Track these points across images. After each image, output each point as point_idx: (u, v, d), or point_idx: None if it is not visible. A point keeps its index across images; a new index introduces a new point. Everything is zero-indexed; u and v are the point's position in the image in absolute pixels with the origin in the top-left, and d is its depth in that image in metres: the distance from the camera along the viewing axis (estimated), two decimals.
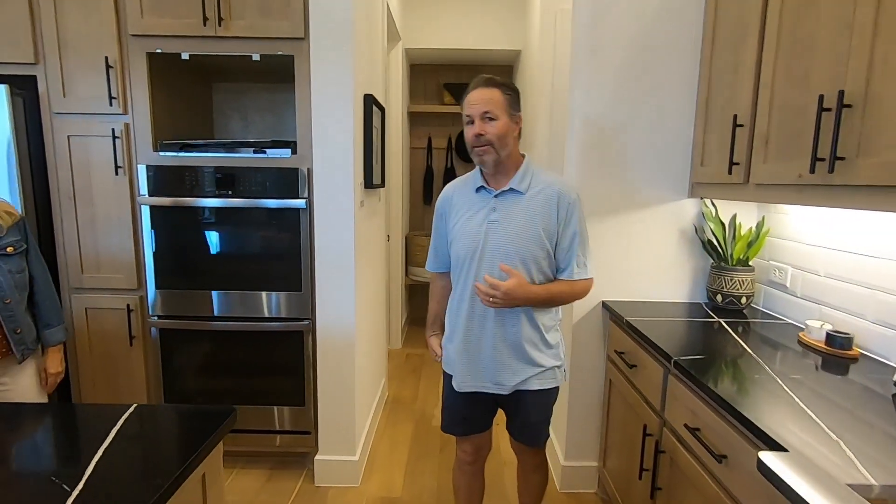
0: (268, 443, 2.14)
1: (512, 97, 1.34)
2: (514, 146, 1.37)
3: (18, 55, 1.89)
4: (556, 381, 1.46)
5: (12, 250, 1.45)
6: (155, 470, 0.80)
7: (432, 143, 4.33)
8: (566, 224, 1.35)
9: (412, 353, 3.65)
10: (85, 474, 0.78)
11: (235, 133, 2.52)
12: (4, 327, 1.42)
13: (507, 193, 1.36)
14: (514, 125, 1.35)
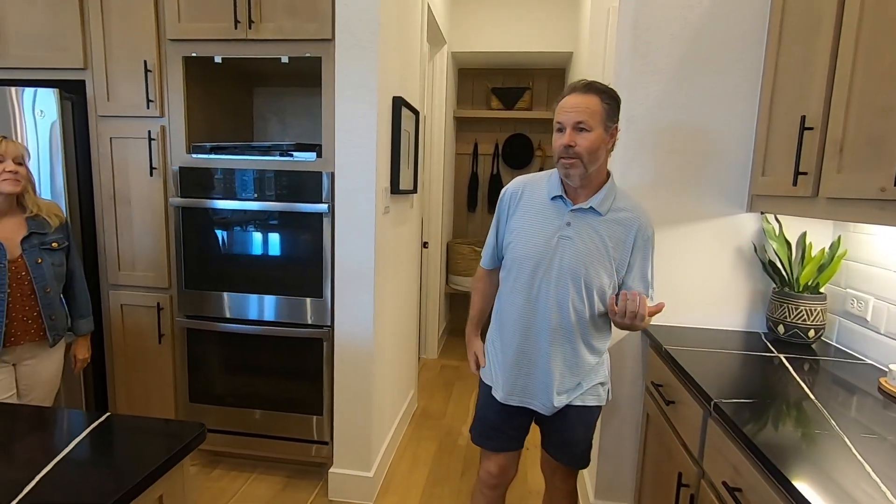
0: (286, 450, 2.10)
1: (611, 107, 1.21)
2: (604, 161, 1.25)
3: (69, 61, 1.98)
4: (598, 399, 1.39)
5: (56, 246, 1.60)
6: (100, 489, 0.74)
7: (478, 149, 4.22)
8: (643, 257, 1.29)
9: (447, 365, 3.54)
10: (21, 494, 0.73)
11: (273, 136, 2.54)
12: (42, 313, 1.55)
13: (585, 211, 1.26)
14: (609, 138, 1.23)
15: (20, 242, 1.51)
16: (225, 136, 2.26)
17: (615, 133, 1.24)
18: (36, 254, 1.54)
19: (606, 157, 1.25)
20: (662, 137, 1.65)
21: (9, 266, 1.48)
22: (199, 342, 2.09)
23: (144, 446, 0.88)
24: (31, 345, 1.56)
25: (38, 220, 1.56)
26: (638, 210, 1.28)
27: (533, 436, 1.46)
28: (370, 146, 1.83)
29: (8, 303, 1.48)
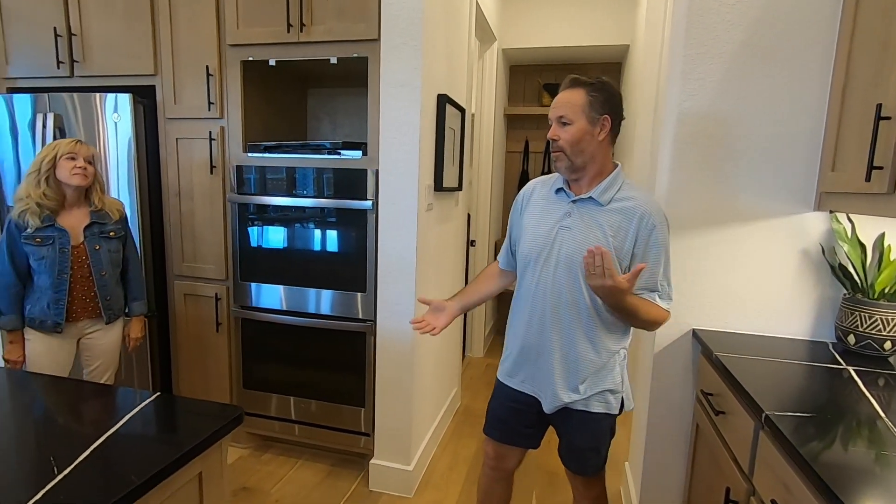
0: (330, 439, 2.17)
1: (597, 98, 1.21)
2: (597, 152, 1.24)
3: (141, 68, 2.15)
4: (606, 407, 1.31)
5: (114, 235, 1.78)
6: (142, 463, 0.80)
7: (529, 147, 4.16)
8: (647, 248, 1.22)
9: (493, 364, 3.51)
10: (77, 459, 0.80)
11: (325, 136, 2.62)
12: (98, 294, 1.75)
13: (586, 201, 1.26)
14: (597, 129, 1.22)
15: (83, 230, 1.71)
16: (280, 136, 2.36)
17: (606, 123, 1.22)
18: (95, 241, 1.73)
19: (601, 148, 1.24)
20: (717, 130, 1.55)
21: (72, 251, 1.68)
22: (252, 332, 2.20)
23: (187, 425, 0.94)
24: (90, 321, 1.77)
25: (100, 212, 1.75)
26: (643, 200, 1.23)
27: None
28: (413, 144, 1.85)
29: (70, 282, 1.67)
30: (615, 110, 1.23)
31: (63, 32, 2.20)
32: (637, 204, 1.23)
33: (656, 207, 1.24)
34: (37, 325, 1.69)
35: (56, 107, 2.17)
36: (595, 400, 1.30)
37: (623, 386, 1.34)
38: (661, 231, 1.22)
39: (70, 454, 0.81)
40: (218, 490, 0.96)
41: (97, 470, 0.78)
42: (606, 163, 1.27)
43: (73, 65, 2.23)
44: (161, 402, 1.02)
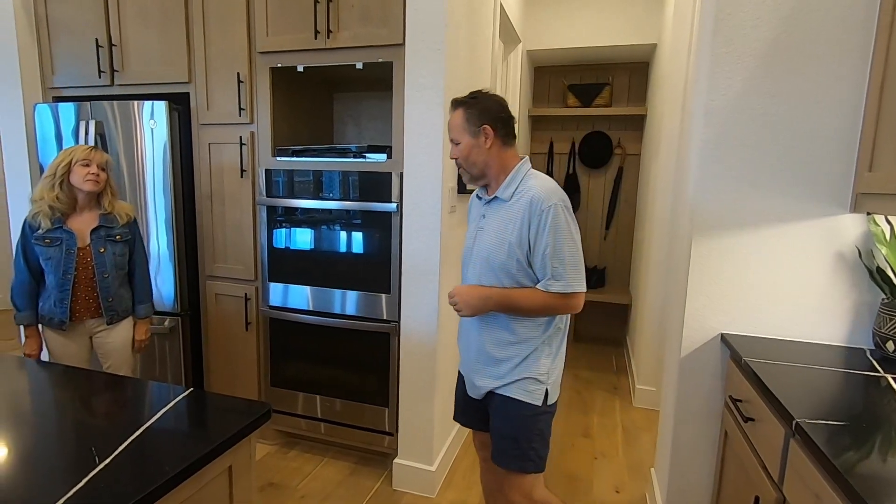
0: (355, 437, 2.21)
1: (471, 113, 1.32)
2: (490, 158, 1.33)
3: (176, 75, 2.23)
4: (527, 395, 1.33)
5: (120, 238, 1.85)
6: (176, 456, 0.83)
7: (554, 148, 4.13)
8: (538, 232, 1.27)
9: None
10: (118, 449, 0.84)
11: (350, 139, 2.67)
12: (100, 295, 1.80)
13: (494, 201, 1.36)
14: (481, 139, 1.32)
15: (90, 233, 1.77)
16: (307, 140, 2.42)
17: (486, 132, 1.30)
18: (101, 244, 1.78)
19: (493, 153, 1.32)
20: (747, 130, 1.51)
21: (77, 252, 1.74)
22: (279, 331, 2.26)
23: (218, 421, 0.98)
24: (94, 320, 1.83)
25: (108, 216, 1.81)
26: (536, 187, 1.29)
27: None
28: (437, 146, 1.87)
29: (73, 283, 1.75)
30: (493, 117, 1.31)
31: (104, 43, 2.31)
32: (530, 192, 1.28)
33: (548, 192, 1.27)
34: (47, 322, 1.79)
35: (97, 114, 2.27)
36: (515, 386, 1.34)
37: (549, 377, 1.35)
38: (551, 214, 1.25)
39: (110, 445, 0.85)
40: (246, 484, 0.99)
41: (135, 461, 0.82)
42: (506, 164, 1.35)
43: (114, 74, 2.33)
44: (193, 398, 1.06)
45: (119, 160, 2.27)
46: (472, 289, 1.33)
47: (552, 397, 1.37)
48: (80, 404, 1.04)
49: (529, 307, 1.29)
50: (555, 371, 1.37)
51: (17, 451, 0.84)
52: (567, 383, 3.23)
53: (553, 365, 1.36)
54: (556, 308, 1.29)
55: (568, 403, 2.93)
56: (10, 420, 0.95)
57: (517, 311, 1.31)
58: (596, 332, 4.24)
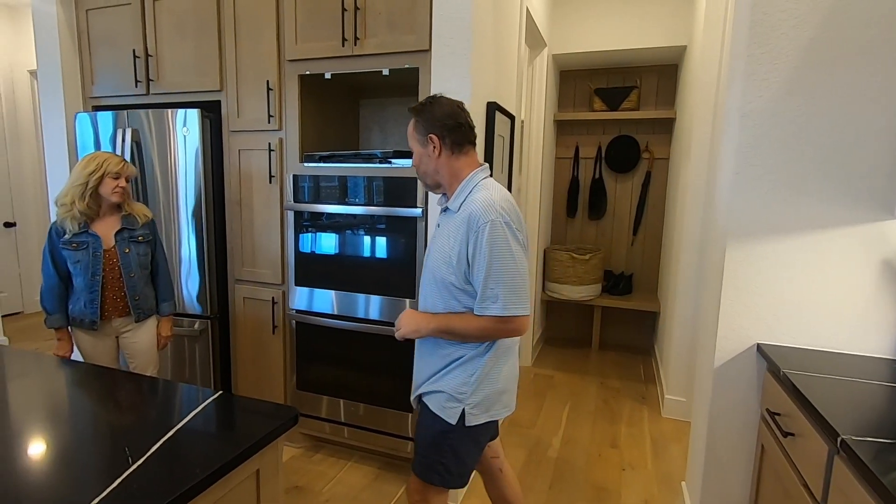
0: (379, 442, 2.21)
1: (419, 121, 1.29)
2: (440, 167, 1.29)
3: (207, 84, 2.29)
4: (438, 408, 1.29)
5: (142, 239, 1.92)
6: (206, 459, 0.84)
7: (579, 153, 4.08)
8: (475, 251, 1.19)
9: (541, 374, 3.46)
10: (150, 450, 0.86)
11: (375, 145, 2.69)
12: (127, 293, 1.87)
13: (446, 212, 1.32)
14: (429, 148, 1.28)
15: (114, 235, 1.84)
16: (333, 146, 2.45)
17: (433, 140, 1.27)
18: (125, 245, 1.86)
19: (444, 162, 1.28)
20: (785, 133, 1.46)
21: (104, 254, 1.82)
22: (305, 335, 2.28)
23: (246, 424, 0.99)
24: (122, 319, 1.90)
25: (129, 218, 1.89)
26: (478, 201, 1.20)
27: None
28: None
29: (102, 283, 1.81)
30: (440, 125, 1.26)
31: (140, 54, 2.39)
32: (471, 206, 1.21)
33: (487, 207, 1.18)
34: (77, 324, 1.85)
35: (133, 122, 2.35)
36: (433, 397, 1.32)
37: (468, 398, 1.26)
38: (487, 233, 1.16)
39: (142, 446, 0.87)
40: (273, 487, 1.00)
41: (166, 462, 0.83)
42: (458, 173, 1.29)
43: (149, 83, 2.41)
44: (222, 401, 1.07)
45: (153, 166, 2.34)
46: (412, 315, 1.30)
47: (473, 420, 1.26)
48: (113, 405, 1.06)
49: (466, 332, 1.22)
50: (480, 393, 1.26)
51: (55, 450, 0.86)
52: (594, 392, 3.17)
53: (478, 387, 1.26)
54: (494, 332, 1.21)
55: (595, 412, 2.87)
56: (48, 419, 0.97)
57: (456, 337, 1.25)
58: (623, 339, 4.15)
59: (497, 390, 1.29)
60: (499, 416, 1.32)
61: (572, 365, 3.64)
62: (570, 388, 3.23)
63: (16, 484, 0.76)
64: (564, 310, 4.27)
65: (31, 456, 0.84)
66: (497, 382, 1.29)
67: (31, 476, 0.78)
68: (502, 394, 1.31)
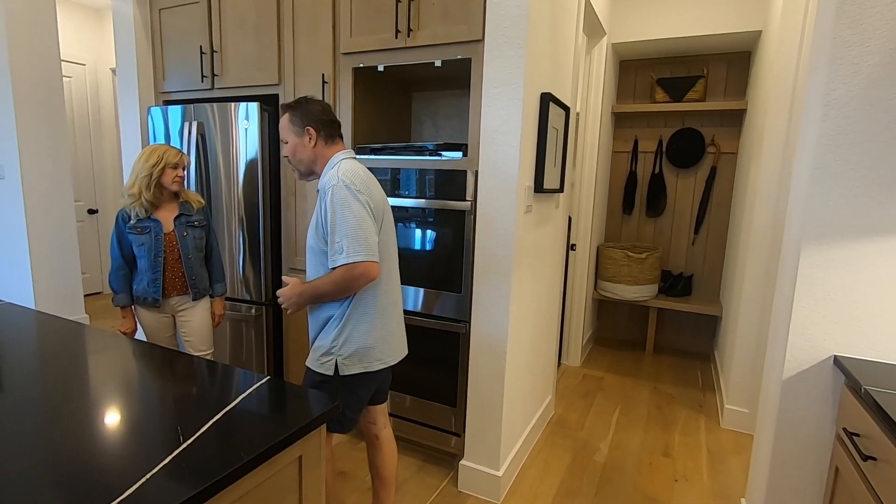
0: (422, 435, 2.21)
1: (294, 115, 1.49)
2: (316, 154, 1.50)
3: (267, 78, 2.36)
4: (318, 365, 1.45)
5: (197, 224, 2.06)
6: (250, 442, 0.86)
7: (638, 146, 3.90)
8: (325, 213, 1.38)
9: (590, 375, 3.35)
10: (200, 430, 0.89)
11: (427, 137, 2.69)
12: (186, 274, 2.04)
13: (317, 192, 1.49)
14: (305, 139, 1.48)
15: (173, 220, 2.00)
16: (386, 139, 2.46)
17: (310, 132, 1.47)
18: (183, 229, 2.01)
19: (316, 151, 1.49)
20: (875, 123, 1.31)
21: (164, 238, 1.97)
22: None
23: (290, 410, 1.00)
24: (180, 297, 2.05)
25: (186, 204, 2.04)
26: (325, 175, 1.45)
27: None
28: (514, 144, 1.82)
29: (164, 264, 1.98)
30: (315, 119, 1.47)
31: (207, 50, 2.50)
32: (323, 179, 1.44)
33: (331, 176, 1.40)
34: (141, 302, 2.01)
35: (199, 115, 2.47)
36: (311, 354, 1.49)
37: (339, 349, 1.43)
38: (330, 195, 1.36)
39: (194, 425, 0.90)
40: (316, 473, 1.01)
41: (215, 442, 0.86)
42: (329, 159, 1.50)
43: (214, 78, 2.52)
44: (271, 386, 1.10)
45: (216, 158, 2.45)
46: (291, 287, 1.44)
47: (346, 370, 1.44)
48: (171, 384, 1.11)
49: (327, 289, 1.38)
50: (350, 346, 1.43)
51: (119, 422, 0.91)
52: (646, 396, 3.03)
53: (347, 340, 1.43)
54: (347, 282, 1.35)
55: (647, 418, 2.75)
56: (116, 392, 1.03)
57: (325, 297, 1.41)
58: (680, 343, 3.95)
59: (366, 345, 1.45)
60: (373, 367, 1.47)
61: (624, 367, 3.51)
62: (620, 391, 3.11)
63: (80, 450, 0.80)
64: (617, 310, 4.12)
65: (97, 426, 0.89)
66: (367, 337, 1.45)
67: (93, 444, 0.83)
68: (372, 349, 1.46)
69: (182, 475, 0.76)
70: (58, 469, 0.76)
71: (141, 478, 0.74)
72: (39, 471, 0.76)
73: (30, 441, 0.84)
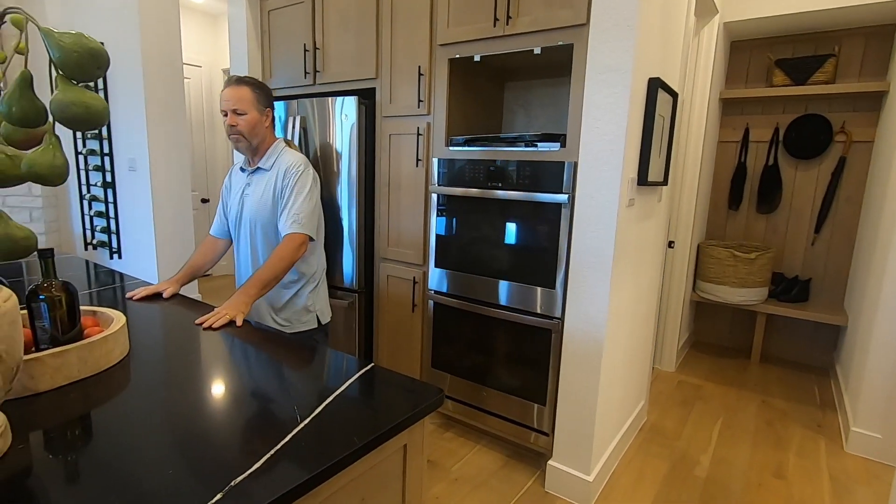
0: (508, 430, 2.19)
1: (259, 92, 1.70)
2: (265, 135, 1.75)
3: (365, 73, 2.43)
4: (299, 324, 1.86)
5: None
6: (361, 427, 0.88)
7: (749, 135, 3.55)
8: (284, 190, 1.70)
9: (686, 381, 3.13)
10: (315, 411, 0.92)
11: (518, 128, 2.63)
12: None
13: (257, 171, 1.77)
14: (264, 118, 1.72)
15: None
16: (478, 130, 2.44)
17: (269, 113, 1.74)
18: None
19: (268, 131, 1.76)
20: None
21: None
22: (442, 315, 2.34)
23: (396, 399, 1.01)
24: None
25: None
26: (287, 162, 1.73)
27: None
28: (618, 133, 1.71)
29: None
30: (272, 103, 1.76)
31: (310, 47, 2.62)
32: (285, 162, 1.73)
33: (294, 163, 1.72)
34: None
35: (301, 110, 2.60)
36: (289, 319, 1.84)
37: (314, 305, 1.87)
38: (301, 177, 1.70)
39: (308, 406, 0.94)
40: (418, 463, 1.02)
41: (329, 425, 0.88)
42: (270, 140, 1.78)
43: (316, 74, 2.64)
44: (375, 373, 1.12)
45: (317, 151, 2.57)
46: (230, 302, 1.47)
47: (324, 319, 1.94)
48: (285, 364, 1.17)
49: (277, 266, 1.60)
50: (321, 300, 1.93)
51: (241, 399, 0.97)
52: (753, 410, 2.77)
53: (319, 296, 1.92)
54: (292, 252, 1.63)
55: (755, 434, 2.51)
56: (230, 370, 1.11)
57: (275, 278, 1.60)
58: (792, 354, 3.57)
59: (324, 297, 1.94)
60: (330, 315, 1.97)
61: (726, 376, 3.23)
62: (722, 401, 2.87)
63: (208, 426, 0.86)
64: (718, 313, 3.80)
65: (221, 401, 0.96)
66: (323, 292, 1.93)
67: (219, 421, 0.89)
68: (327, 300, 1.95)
69: (303, 455, 0.79)
70: (186, 443, 0.83)
71: (264, 455, 0.78)
72: (167, 445, 0.82)
73: (159, 418, 0.92)
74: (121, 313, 1.19)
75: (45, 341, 0.99)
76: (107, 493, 0.69)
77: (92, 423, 0.87)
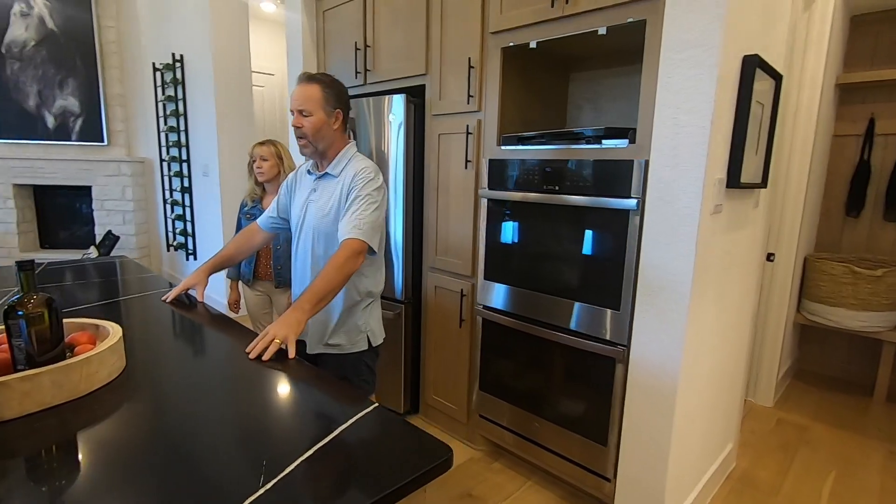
0: (563, 469, 1.91)
1: (329, 92, 1.50)
2: (335, 137, 1.55)
3: (414, 69, 2.27)
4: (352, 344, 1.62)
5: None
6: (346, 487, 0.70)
7: (875, 128, 2.96)
8: (353, 203, 1.48)
9: (787, 420, 2.64)
10: (281, 474, 0.75)
11: (585, 124, 2.33)
12: (273, 263, 2.27)
13: (324, 177, 1.58)
14: (332, 119, 1.52)
15: None
16: (538, 126, 2.19)
17: (339, 115, 1.53)
18: None
19: (337, 134, 1.55)
20: None
21: None
22: (491, 333, 2.11)
23: (393, 456, 0.82)
24: (267, 283, 2.32)
25: None
26: (356, 168, 1.53)
27: None
28: (702, 125, 1.39)
29: (259, 250, 2.19)
30: (345, 103, 1.56)
31: (361, 46, 2.51)
32: (354, 168, 1.53)
33: (364, 168, 1.52)
34: (244, 279, 2.34)
35: (352, 110, 2.49)
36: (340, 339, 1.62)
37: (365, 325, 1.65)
38: (361, 184, 1.49)
39: (279, 463, 0.77)
40: None
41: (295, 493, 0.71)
42: (341, 146, 1.57)
43: (366, 73, 2.52)
44: (374, 417, 0.93)
45: (370, 152, 2.44)
46: (282, 320, 1.27)
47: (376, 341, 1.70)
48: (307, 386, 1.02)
49: (334, 277, 1.39)
50: (374, 320, 1.69)
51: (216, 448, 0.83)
52: (878, 462, 2.26)
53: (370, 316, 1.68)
54: (351, 260, 1.42)
55: (880, 492, 2.02)
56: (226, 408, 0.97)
57: (333, 291, 1.40)
58: None
59: (377, 317, 1.70)
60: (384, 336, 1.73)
61: (839, 417, 2.69)
62: (835, 448, 2.37)
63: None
64: (829, 339, 3.21)
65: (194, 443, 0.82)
66: (377, 311, 1.70)
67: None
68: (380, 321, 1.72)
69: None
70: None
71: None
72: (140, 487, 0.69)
73: (140, 453, 0.79)
74: (119, 328, 1.10)
75: (22, 362, 0.91)
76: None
77: (57, 458, 0.77)
